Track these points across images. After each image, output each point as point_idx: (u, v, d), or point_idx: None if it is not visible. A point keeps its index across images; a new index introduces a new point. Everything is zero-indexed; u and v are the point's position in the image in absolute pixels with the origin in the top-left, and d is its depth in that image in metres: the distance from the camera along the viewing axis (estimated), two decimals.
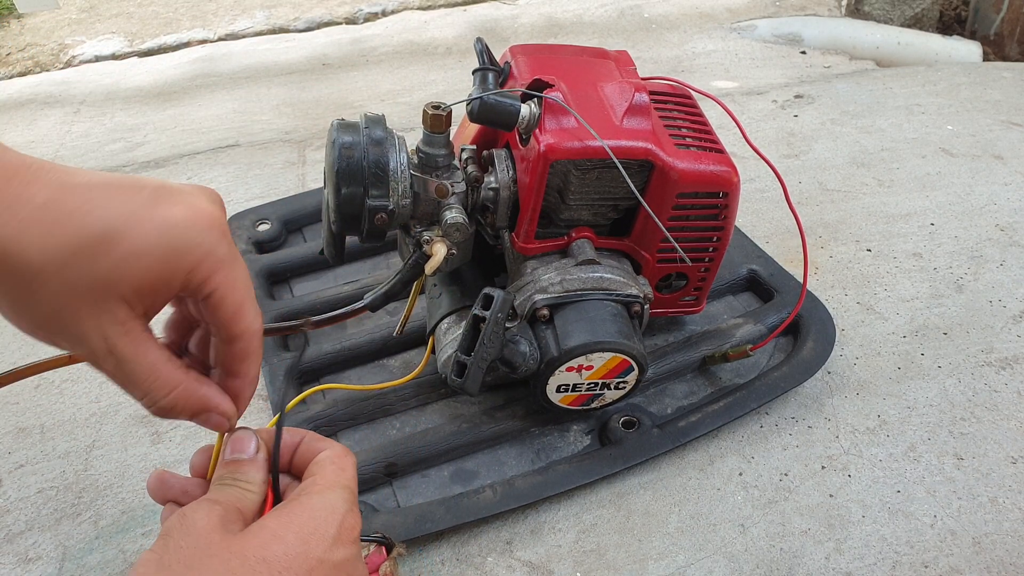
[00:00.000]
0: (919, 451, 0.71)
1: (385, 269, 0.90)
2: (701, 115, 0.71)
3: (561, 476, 0.67)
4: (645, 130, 0.63)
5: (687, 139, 0.66)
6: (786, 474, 0.69)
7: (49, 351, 0.41)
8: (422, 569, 0.62)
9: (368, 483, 0.67)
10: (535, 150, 0.61)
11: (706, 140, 0.67)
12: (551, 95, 0.62)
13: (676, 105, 0.71)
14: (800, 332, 0.79)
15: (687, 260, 0.68)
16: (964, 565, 0.62)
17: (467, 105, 0.61)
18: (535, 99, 0.62)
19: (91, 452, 0.72)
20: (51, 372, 0.78)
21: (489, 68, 0.66)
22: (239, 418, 0.43)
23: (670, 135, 0.66)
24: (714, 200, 0.66)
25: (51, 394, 0.78)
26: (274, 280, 0.89)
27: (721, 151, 0.66)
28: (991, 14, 1.73)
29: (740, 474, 0.69)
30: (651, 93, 0.69)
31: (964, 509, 0.66)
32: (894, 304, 0.87)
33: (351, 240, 0.66)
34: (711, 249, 0.70)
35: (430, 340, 0.72)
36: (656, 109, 0.68)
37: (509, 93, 0.62)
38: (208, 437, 0.73)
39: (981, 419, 0.74)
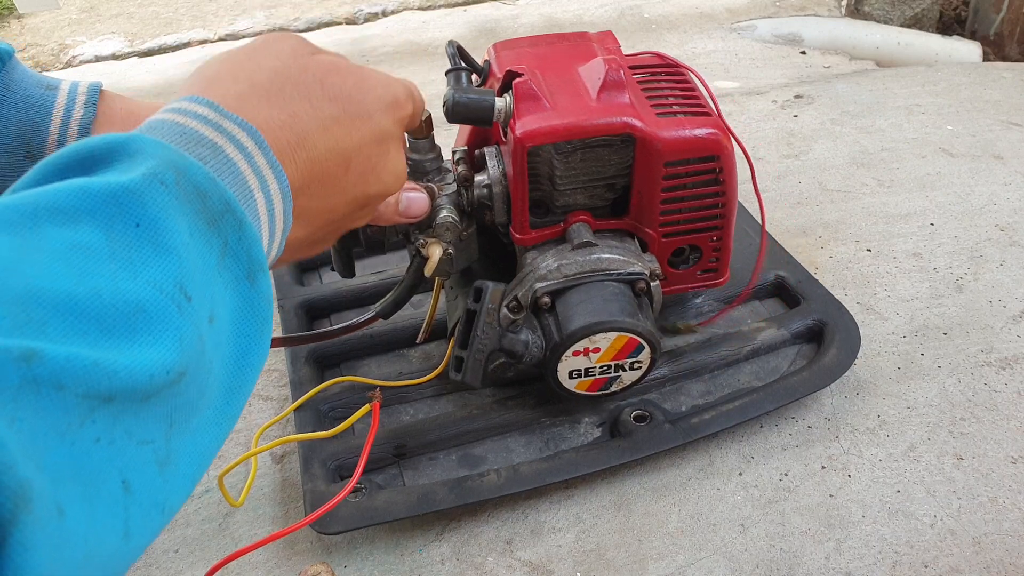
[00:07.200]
0: (919, 451, 0.71)
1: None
2: (689, 82, 0.70)
3: (567, 464, 0.67)
4: (621, 104, 0.63)
5: (673, 107, 0.66)
6: (786, 474, 0.69)
7: None
8: (422, 569, 0.62)
9: (377, 462, 0.68)
10: (512, 139, 0.62)
11: (693, 106, 0.66)
12: (521, 84, 0.62)
13: (664, 76, 0.70)
14: (824, 339, 0.78)
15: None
16: (964, 565, 0.62)
17: (443, 106, 0.61)
18: (509, 91, 0.62)
19: None
20: None
21: (461, 68, 0.66)
22: None
23: (652, 105, 0.65)
24: (708, 165, 0.65)
25: None
26: (304, 268, 0.92)
27: (708, 114, 0.65)
28: (991, 14, 1.73)
29: (740, 474, 0.69)
30: (635, 67, 0.69)
31: (964, 509, 0.66)
32: (894, 304, 0.87)
33: None
34: (718, 216, 0.68)
35: (451, 342, 0.73)
36: (640, 81, 0.68)
37: (482, 89, 0.63)
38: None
39: (981, 419, 0.74)
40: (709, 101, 0.67)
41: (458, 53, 0.67)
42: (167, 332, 0.26)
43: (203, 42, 1.73)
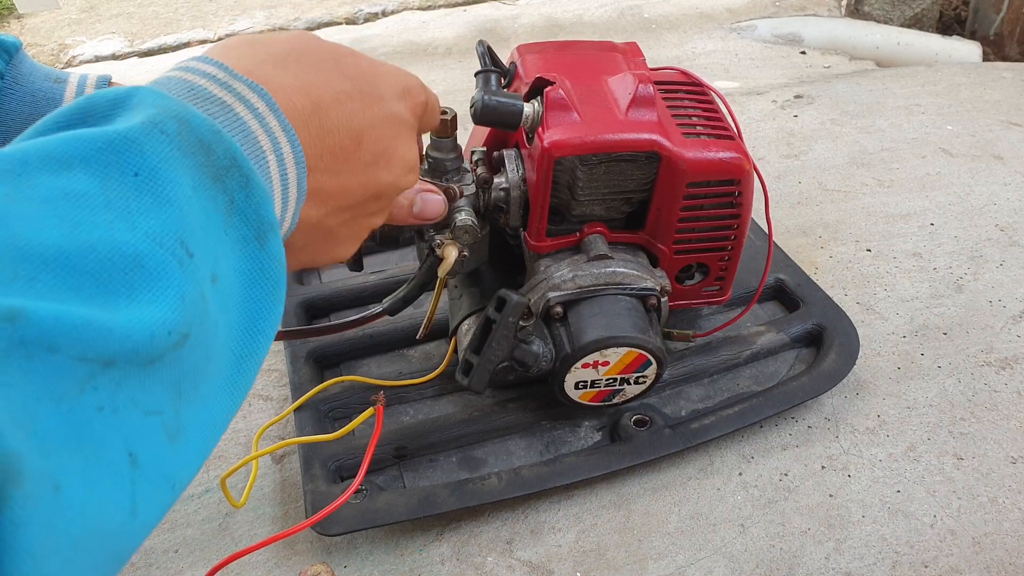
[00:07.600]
0: (919, 451, 0.71)
1: (412, 260, 0.91)
2: (712, 103, 0.70)
3: (568, 468, 0.67)
4: (650, 121, 0.63)
5: (697, 127, 0.66)
6: (786, 474, 0.69)
7: None
8: (422, 569, 0.62)
9: (377, 463, 0.68)
10: (539, 148, 0.61)
11: (717, 128, 0.66)
12: (553, 92, 0.62)
13: (687, 94, 0.70)
14: (823, 343, 0.78)
15: None
16: (964, 565, 0.62)
17: (470, 107, 0.61)
18: (538, 97, 0.62)
19: None
20: None
21: (491, 70, 0.66)
22: None
23: (678, 124, 0.65)
24: (727, 188, 0.65)
25: None
26: None
27: (732, 138, 0.66)
28: (991, 14, 1.73)
29: (740, 474, 0.69)
30: (660, 83, 0.69)
31: (964, 509, 0.66)
32: (894, 304, 0.87)
33: None
34: (731, 237, 0.69)
35: (452, 341, 0.73)
36: (665, 99, 0.68)
37: (511, 93, 0.62)
38: None
39: (981, 419, 0.74)
40: (731, 122, 0.68)
41: (488, 53, 0.67)
42: (167, 289, 0.24)
43: (203, 42, 1.73)
